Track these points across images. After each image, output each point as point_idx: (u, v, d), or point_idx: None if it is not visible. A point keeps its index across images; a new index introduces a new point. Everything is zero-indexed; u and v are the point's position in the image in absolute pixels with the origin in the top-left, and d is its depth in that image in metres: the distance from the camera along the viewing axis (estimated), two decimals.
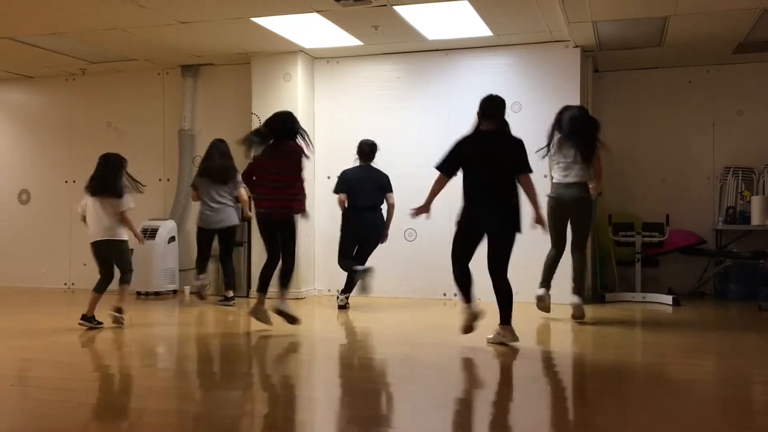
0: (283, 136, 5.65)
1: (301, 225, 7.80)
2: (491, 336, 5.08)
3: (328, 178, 8.07)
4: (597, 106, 8.27)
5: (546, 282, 6.21)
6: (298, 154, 5.66)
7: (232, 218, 7.18)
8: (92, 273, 5.92)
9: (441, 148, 7.62)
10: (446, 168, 5.18)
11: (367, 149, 7.13)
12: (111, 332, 5.83)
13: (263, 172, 5.65)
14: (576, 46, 7.27)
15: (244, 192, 7.14)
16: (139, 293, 7.91)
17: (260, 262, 6.31)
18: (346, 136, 8.02)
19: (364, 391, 4.09)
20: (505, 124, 5.28)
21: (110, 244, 5.79)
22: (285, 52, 7.75)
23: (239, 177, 6.80)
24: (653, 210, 7.98)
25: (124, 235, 5.87)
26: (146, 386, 4.24)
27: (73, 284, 8.83)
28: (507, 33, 7.01)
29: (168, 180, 8.73)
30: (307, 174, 7.80)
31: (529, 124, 7.42)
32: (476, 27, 6.79)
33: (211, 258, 7.35)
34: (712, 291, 8.04)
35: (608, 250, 7.95)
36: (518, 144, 5.17)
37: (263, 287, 5.71)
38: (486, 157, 5.11)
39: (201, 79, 8.60)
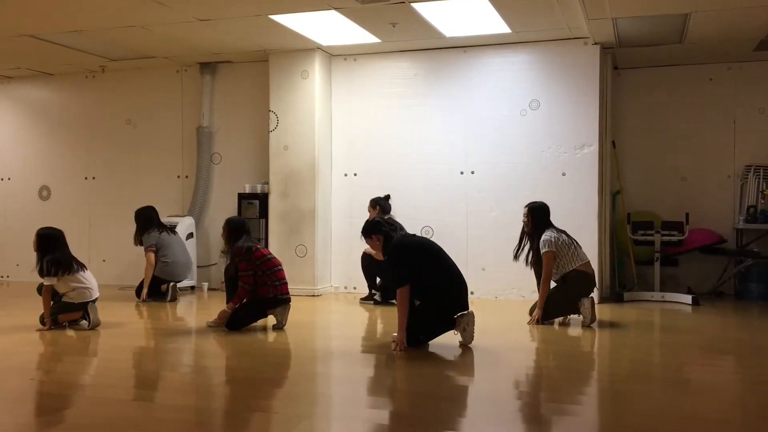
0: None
1: (318, 222, 7.86)
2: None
3: (345, 175, 8.09)
4: (616, 103, 8.21)
5: None
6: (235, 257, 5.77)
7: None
8: (112, 269, 6.02)
9: (458, 146, 7.69)
10: None
11: (387, 203, 7.29)
12: (130, 327, 5.89)
13: None
14: (595, 43, 7.21)
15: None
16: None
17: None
18: (363, 133, 8.03)
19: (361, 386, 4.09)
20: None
21: None
22: (303, 49, 7.76)
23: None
24: (673, 209, 7.92)
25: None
26: (169, 382, 4.26)
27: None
28: (525, 30, 6.97)
29: (186, 177, 8.78)
30: (323, 171, 7.93)
31: (548, 121, 7.42)
32: (494, 24, 6.75)
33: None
34: (732, 291, 7.95)
35: (627, 250, 7.89)
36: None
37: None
38: None
39: (219, 77, 8.64)
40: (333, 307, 7.26)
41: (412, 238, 5.25)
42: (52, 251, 5.67)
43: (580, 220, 7.11)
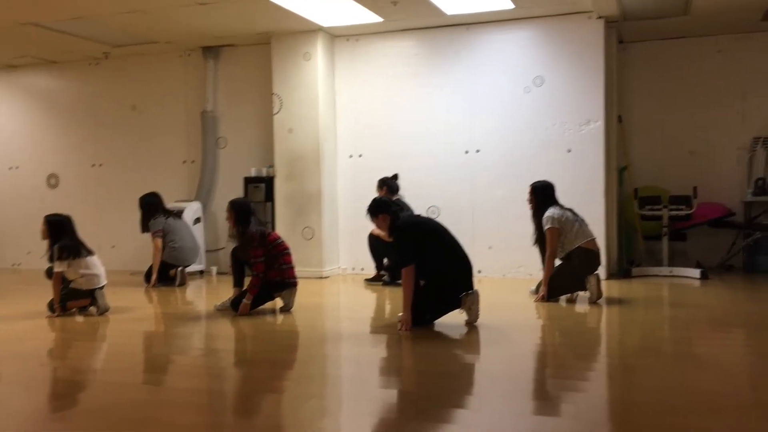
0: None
1: (325, 204, 7.87)
2: None
3: (350, 157, 8.09)
4: (622, 77, 8.13)
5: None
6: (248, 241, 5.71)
7: None
8: (121, 255, 6.06)
9: (463, 125, 7.66)
10: None
11: (395, 183, 7.26)
12: (142, 312, 5.95)
13: None
14: (599, 17, 7.13)
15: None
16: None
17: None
18: (367, 114, 8.01)
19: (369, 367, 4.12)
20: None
21: None
22: (305, 31, 7.73)
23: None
24: (681, 183, 7.86)
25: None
26: (179, 366, 4.31)
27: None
28: (528, 5, 6.90)
29: (192, 162, 8.80)
30: (327, 153, 7.91)
31: (552, 97, 7.37)
32: None
33: None
34: (741, 264, 7.91)
35: (635, 225, 7.86)
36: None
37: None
38: None
39: (222, 61, 8.62)
40: (341, 289, 7.29)
41: (417, 219, 5.26)
42: (62, 237, 5.72)
43: (586, 197, 7.08)
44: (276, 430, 3.05)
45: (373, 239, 7.17)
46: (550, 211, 5.93)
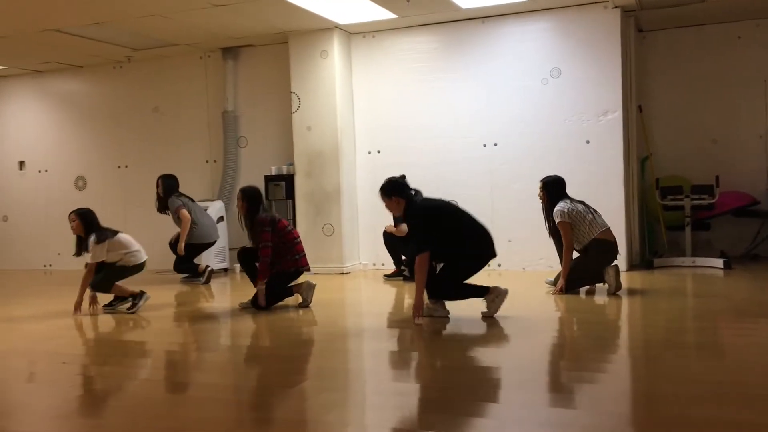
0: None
1: (344, 201, 7.93)
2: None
3: (369, 153, 8.14)
4: (641, 67, 8.05)
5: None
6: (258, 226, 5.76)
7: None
8: (147, 254, 6.18)
9: (480, 119, 7.66)
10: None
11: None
12: (160, 310, 6.08)
13: None
14: (615, 7, 7.07)
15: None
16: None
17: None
18: (384, 110, 8.05)
19: (390, 361, 4.17)
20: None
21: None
22: (321, 29, 7.79)
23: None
24: (704, 172, 7.77)
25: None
26: (177, 362, 4.40)
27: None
28: None
29: (215, 161, 8.93)
30: (346, 150, 7.97)
31: (570, 88, 7.33)
32: None
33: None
34: (767, 253, 7.80)
35: (657, 215, 7.78)
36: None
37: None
38: None
39: (241, 61, 8.73)
40: (361, 285, 7.35)
41: (433, 201, 5.16)
42: (94, 227, 5.91)
43: (605, 188, 7.05)
44: (295, 426, 3.12)
45: (387, 237, 7.21)
46: (560, 205, 5.92)
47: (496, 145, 7.61)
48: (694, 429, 2.80)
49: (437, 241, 4.92)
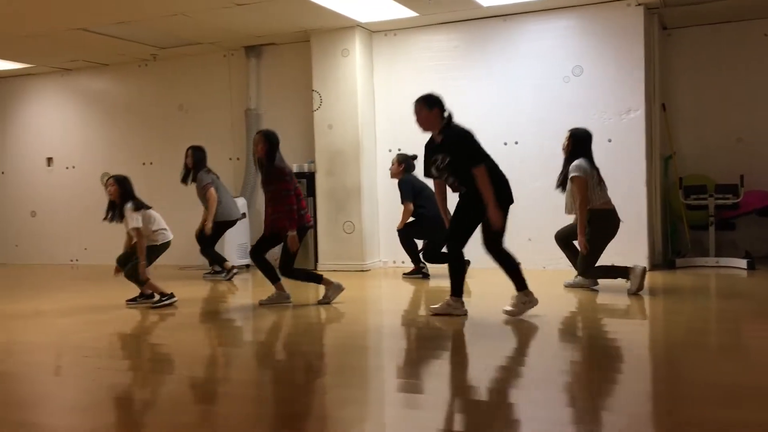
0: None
1: (365, 199, 7.96)
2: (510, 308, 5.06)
3: (389, 151, 8.15)
4: (666, 65, 7.97)
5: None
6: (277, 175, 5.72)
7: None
8: (171, 250, 6.31)
9: (501, 117, 7.63)
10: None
11: (413, 162, 7.17)
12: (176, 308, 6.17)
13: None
14: (639, 4, 7.01)
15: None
16: (216, 271, 8.14)
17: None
18: (406, 108, 7.93)
19: (411, 359, 4.19)
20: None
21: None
22: (342, 27, 7.82)
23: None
24: (729, 171, 7.68)
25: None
26: (198, 357, 4.47)
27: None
28: None
29: (238, 159, 9.02)
30: (367, 148, 8.00)
31: (592, 87, 7.28)
32: None
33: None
34: None
35: (680, 215, 7.71)
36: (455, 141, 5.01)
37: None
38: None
39: (264, 59, 8.80)
40: (382, 282, 7.38)
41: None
42: (131, 194, 6.03)
43: (627, 187, 6.99)
44: (313, 420, 3.16)
45: (402, 233, 7.21)
46: (579, 161, 5.89)
47: (516, 143, 7.59)
48: (714, 431, 2.79)
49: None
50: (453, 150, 4.97)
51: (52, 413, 3.37)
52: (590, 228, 5.84)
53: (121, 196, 6.01)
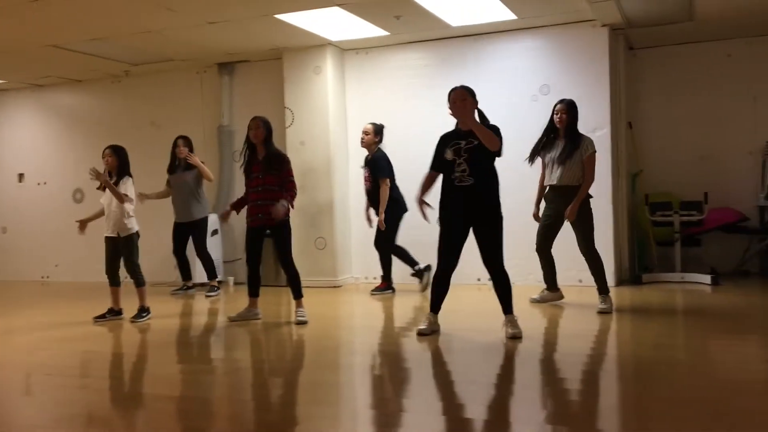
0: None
1: (336, 215, 8.00)
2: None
3: (361, 167, 8.19)
4: (632, 84, 8.13)
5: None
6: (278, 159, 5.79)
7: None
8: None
9: None
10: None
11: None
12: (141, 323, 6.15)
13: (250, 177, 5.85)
14: (604, 25, 7.16)
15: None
16: (187, 286, 8.12)
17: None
18: None
19: (383, 376, 4.22)
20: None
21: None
22: (314, 45, 7.89)
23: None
24: (694, 188, 7.81)
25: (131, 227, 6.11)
26: (167, 375, 4.47)
27: (126, 278, 9.22)
28: (531, 15, 6.97)
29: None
30: (339, 165, 8.06)
31: None
32: (499, 11, 6.77)
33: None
34: (758, 269, 7.84)
35: (647, 231, 7.84)
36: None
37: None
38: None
39: (237, 76, 8.84)
40: (354, 298, 7.41)
41: None
42: (128, 167, 6.17)
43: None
44: None
45: (392, 246, 7.25)
46: (589, 137, 6.03)
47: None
48: None
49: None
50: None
51: None
52: (583, 208, 5.92)
53: (119, 166, 6.04)
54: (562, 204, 5.94)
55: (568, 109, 6.02)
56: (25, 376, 4.47)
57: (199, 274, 8.04)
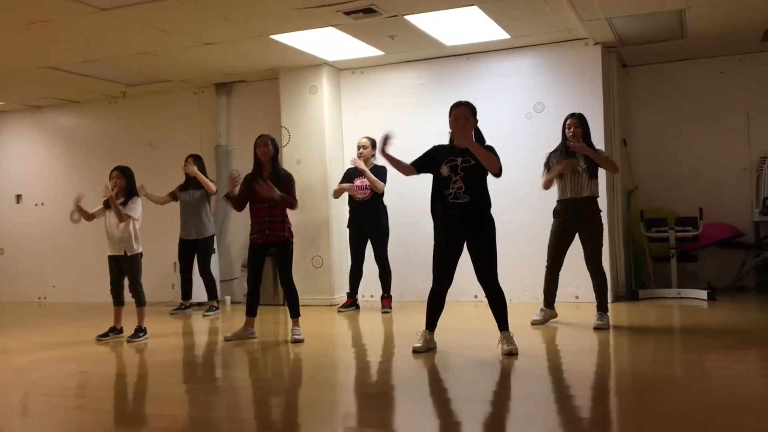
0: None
1: (333, 233, 8.02)
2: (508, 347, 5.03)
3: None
4: (625, 101, 8.19)
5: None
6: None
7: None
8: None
9: None
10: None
11: None
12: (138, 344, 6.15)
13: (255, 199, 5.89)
14: (597, 43, 7.23)
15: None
16: (185, 306, 8.10)
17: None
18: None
19: (375, 393, 4.22)
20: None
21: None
22: (310, 65, 7.96)
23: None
24: (689, 204, 7.87)
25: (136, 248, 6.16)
26: (164, 394, 4.46)
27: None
28: (524, 34, 7.04)
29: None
30: (335, 183, 8.08)
31: (553, 123, 7.41)
32: (492, 30, 6.84)
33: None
34: (754, 284, 7.85)
35: (643, 247, 7.86)
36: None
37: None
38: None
39: (234, 96, 8.90)
40: (350, 316, 7.40)
41: None
42: (135, 187, 6.24)
43: None
44: None
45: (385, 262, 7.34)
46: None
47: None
48: None
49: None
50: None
51: None
52: (596, 223, 5.96)
53: (127, 187, 6.09)
54: (577, 220, 5.96)
55: (580, 123, 6.06)
56: (22, 397, 4.46)
57: (198, 293, 8.03)
